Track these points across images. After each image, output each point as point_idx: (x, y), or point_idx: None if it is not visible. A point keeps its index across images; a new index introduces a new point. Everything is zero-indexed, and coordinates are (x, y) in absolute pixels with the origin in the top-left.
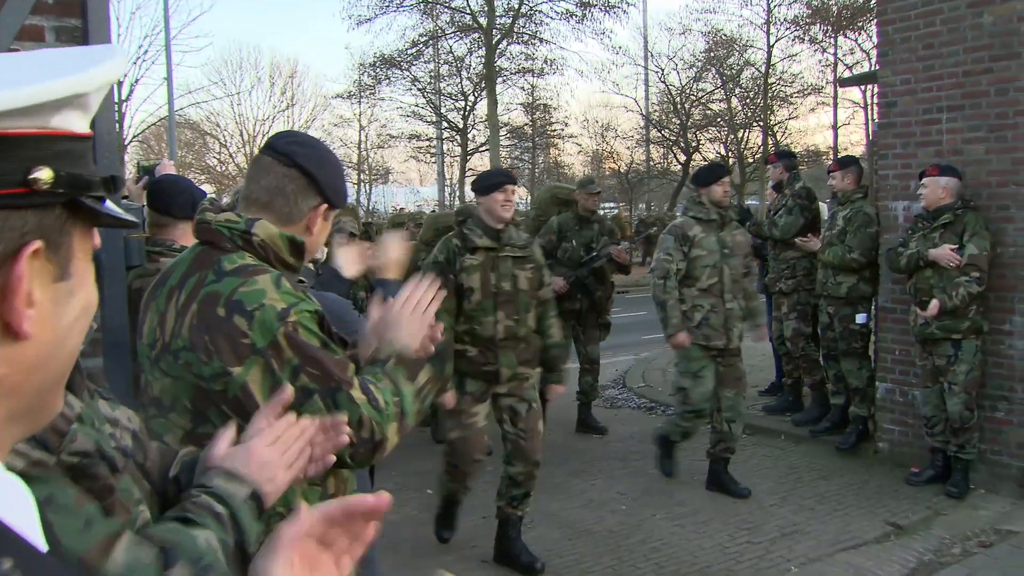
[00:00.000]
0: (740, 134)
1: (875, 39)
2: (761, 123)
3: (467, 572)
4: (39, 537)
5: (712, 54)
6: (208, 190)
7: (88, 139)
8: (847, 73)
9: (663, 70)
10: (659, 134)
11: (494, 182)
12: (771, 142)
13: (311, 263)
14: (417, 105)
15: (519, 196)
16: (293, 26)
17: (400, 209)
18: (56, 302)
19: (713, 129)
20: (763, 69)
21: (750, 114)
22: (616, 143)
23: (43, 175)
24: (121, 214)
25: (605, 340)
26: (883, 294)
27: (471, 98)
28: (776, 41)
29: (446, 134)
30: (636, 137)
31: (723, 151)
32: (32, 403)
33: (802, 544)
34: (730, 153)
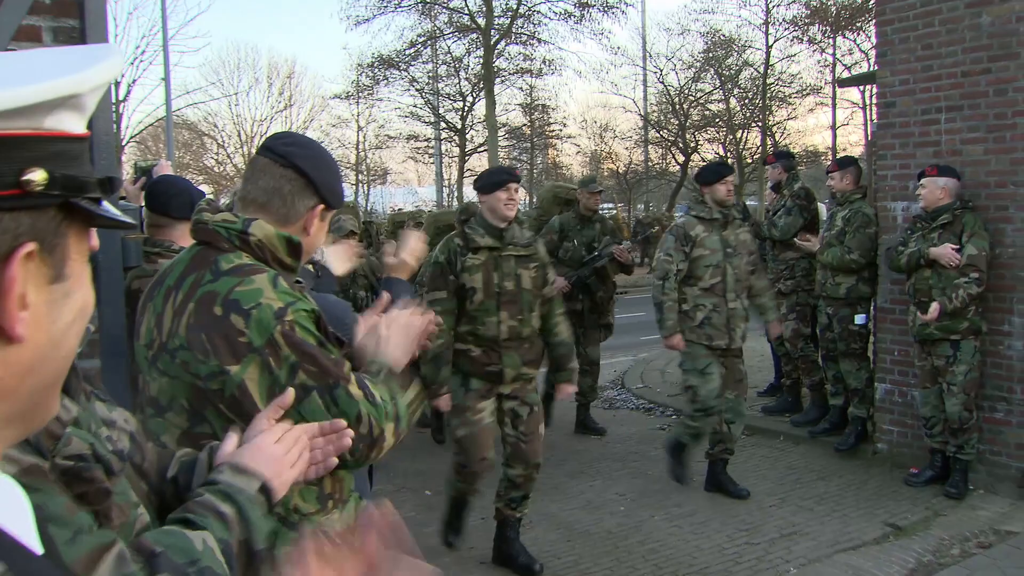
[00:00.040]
0: (739, 135)
1: (874, 39)
2: (760, 123)
3: (466, 573)
4: (34, 541)
5: (711, 54)
6: (206, 191)
7: (84, 140)
8: (846, 73)
9: (661, 70)
10: (657, 135)
11: (497, 180)
12: (770, 143)
13: (311, 265)
14: (415, 106)
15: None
16: (291, 26)
17: (398, 209)
18: (51, 304)
19: (712, 130)
20: (762, 69)
21: (749, 115)
22: (614, 144)
23: (36, 176)
24: (118, 215)
25: (605, 341)
26: (882, 295)
27: (469, 99)
28: (775, 41)
29: (444, 135)
30: (634, 138)
31: (722, 152)
32: (26, 407)
33: (801, 545)
34: (729, 154)
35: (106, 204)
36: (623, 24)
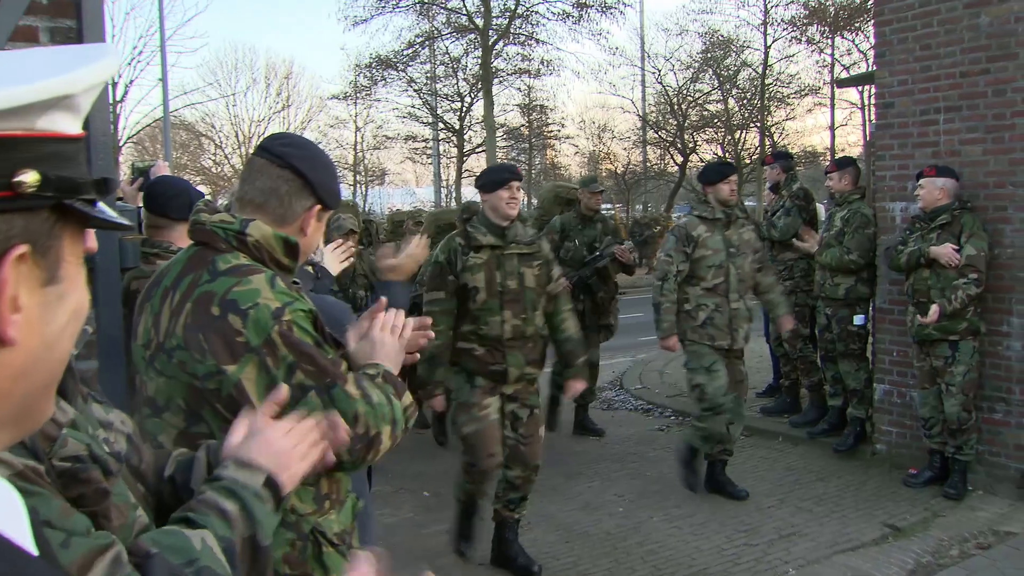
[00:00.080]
0: (737, 135)
1: (872, 40)
2: (758, 124)
3: (464, 575)
4: (29, 543)
5: (709, 55)
6: (204, 191)
7: (78, 140)
8: (844, 74)
9: (660, 71)
10: (656, 135)
11: (499, 179)
12: (768, 143)
13: (310, 266)
14: (413, 106)
15: None
16: (289, 27)
17: (396, 210)
18: (44, 307)
19: (710, 130)
20: (760, 70)
21: (747, 115)
22: (613, 144)
23: (28, 178)
24: (113, 216)
25: (607, 342)
26: (880, 295)
27: (467, 99)
28: (773, 42)
29: (442, 135)
30: (633, 138)
31: (720, 152)
32: (20, 410)
33: (800, 546)
34: (727, 154)
35: (102, 205)
36: (621, 24)
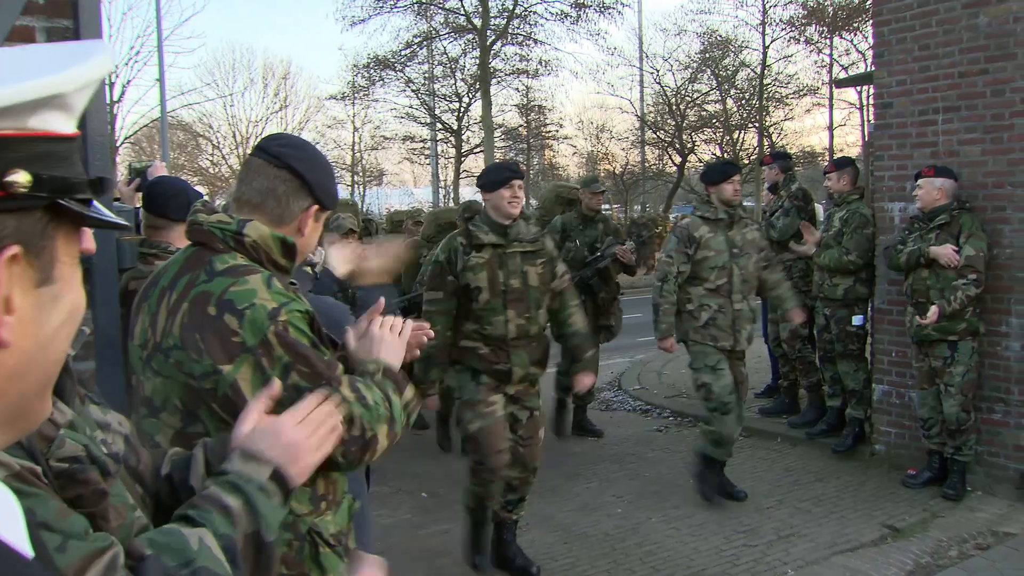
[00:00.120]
0: (735, 135)
1: (871, 40)
2: (757, 124)
3: None
4: (25, 545)
5: (707, 55)
6: (202, 192)
7: (72, 140)
8: (843, 74)
9: (658, 71)
10: (654, 135)
11: (500, 178)
12: (767, 143)
13: (309, 267)
14: (411, 106)
15: None
16: (286, 27)
17: (395, 210)
18: (38, 308)
19: (708, 130)
20: (759, 70)
21: (746, 115)
22: (611, 144)
23: (20, 178)
24: (109, 216)
25: (608, 343)
26: (879, 295)
27: (465, 99)
28: (772, 42)
29: (440, 136)
30: (631, 138)
31: (718, 152)
32: (15, 411)
33: (799, 547)
34: (725, 154)
35: (97, 205)
36: (619, 25)
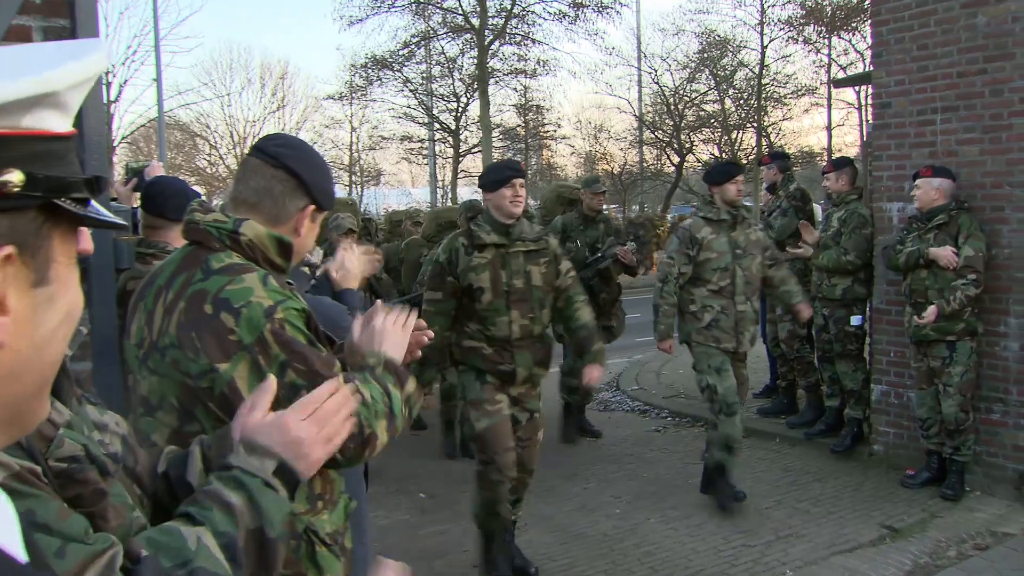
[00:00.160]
0: (734, 135)
1: (869, 40)
2: (755, 124)
3: None
4: (19, 548)
5: (705, 55)
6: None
7: (68, 139)
8: (841, 74)
9: (656, 71)
10: (652, 135)
11: (501, 177)
12: (765, 143)
13: (308, 267)
14: (409, 106)
15: None
16: (284, 27)
17: (393, 209)
18: (34, 309)
19: (707, 130)
20: (757, 70)
21: (744, 115)
22: (609, 144)
23: (13, 178)
24: (106, 215)
25: (608, 344)
26: (878, 296)
27: (463, 99)
28: (770, 42)
29: (438, 135)
30: (629, 138)
31: (717, 152)
32: (12, 412)
33: (797, 547)
34: (724, 155)
35: (95, 204)
36: (618, 24)
